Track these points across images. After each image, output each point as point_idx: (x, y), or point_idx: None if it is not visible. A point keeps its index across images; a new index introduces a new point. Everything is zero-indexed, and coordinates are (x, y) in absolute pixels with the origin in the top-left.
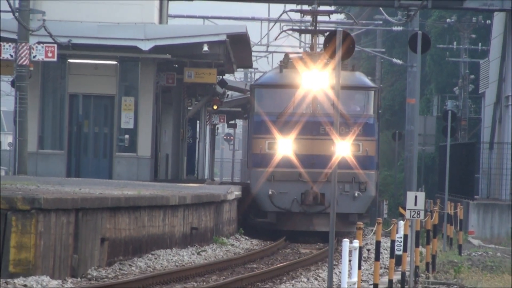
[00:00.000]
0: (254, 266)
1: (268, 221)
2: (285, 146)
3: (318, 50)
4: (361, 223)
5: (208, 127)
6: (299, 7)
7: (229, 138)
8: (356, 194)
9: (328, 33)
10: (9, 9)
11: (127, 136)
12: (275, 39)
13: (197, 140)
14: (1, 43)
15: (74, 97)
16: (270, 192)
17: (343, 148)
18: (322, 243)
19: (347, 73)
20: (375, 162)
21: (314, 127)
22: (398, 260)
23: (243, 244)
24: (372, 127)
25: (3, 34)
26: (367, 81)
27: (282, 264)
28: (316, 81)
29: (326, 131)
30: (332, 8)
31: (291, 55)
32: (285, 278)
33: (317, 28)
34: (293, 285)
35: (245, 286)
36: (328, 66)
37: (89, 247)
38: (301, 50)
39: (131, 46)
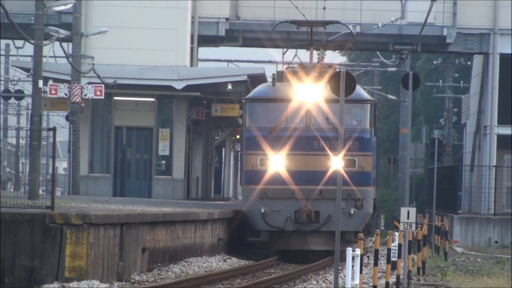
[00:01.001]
0: (272, 271)
1: (260, 241)
2: (277, 162)
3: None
4: (361, 234)
5: (232, 154)
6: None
7: None
8: (352, 212)
9: (332, 71)
10: (64, 55)
11: (163, 162)
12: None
13: (223, 165)
14: (57, 83)
15: (119, 129)
16: (262, 210)
17: (337, 164)
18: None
19: None
20: (371, 178)
21: (308, 142)
22: (394, 265)
23: (260, 252)
24: (368, 142)
25: (59, 76)
26: (363, 93)
27: (295, 269)
28: (310, 94)
29: (320, 146)
30: (327, 19)
31: (285, 69)
32: (297, 281)
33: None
34: (304, 287)
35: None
36: (322, 79)
37: (132, 256)
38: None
39: (167, 85)
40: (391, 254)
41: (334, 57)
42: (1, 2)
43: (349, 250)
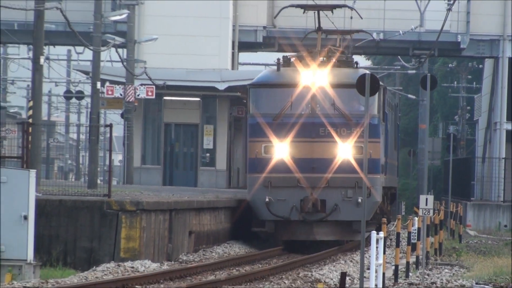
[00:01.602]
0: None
1: (265, 231)
2: (282, 150)
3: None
4: (385, 219)
5: None
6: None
7: None
8: (360, 200)
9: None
10: (119, 60)
11: (208, 154)
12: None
13: None
14: (113, 85)
15: (168, 125)
16: (267, 199)
17: (344, 151)
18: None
19: (350, 70)
20: (380, 165)
21: (313, 128)
22: (414, 247)
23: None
24: (376, 128)
25: (115, 78)
26: None
27: (325, 251)
28: (315, 79)
29: (326, 133)
30: (335, 2)
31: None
32: (327, 261)
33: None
34: (334, 266)
35: (298, 267)
36: (329, 64)
37: (180, 238)
38: None
39: (211, 86)
40: (411, 237)
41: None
42: (63, 13)
43: (373, 233)
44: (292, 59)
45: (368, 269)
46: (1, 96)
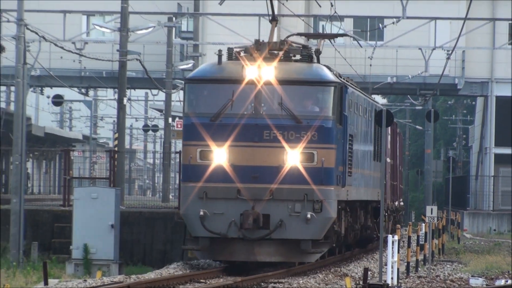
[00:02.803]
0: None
1: (198, 249)
2: (220, 156)
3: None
4: (398, 225)
5: None
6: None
7: None
8: (309, 216)
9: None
10: None
11: None
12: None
13: None
14: (182, 120)
15: None
16: (201, 213)
17: (292, 158)
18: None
19: (302, 65)
20: (334, 175)
21: (257, 131)
22: (421, 247)
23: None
24: (329, 132)
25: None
26: (325, 73)
27: (350, 252)
28: (261, 74)
29: (272, 137)
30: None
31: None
32: (353, 259)
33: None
34: (358, 263)
35: (330, 264)
36: (277, 58)
37: None
38: None
39: None
40: (420, 239)
41: (378, 99)
42: (142, 64)
43: (389, 236)
44: (237, 51)
45: (386, 265)
46: (93, 130)
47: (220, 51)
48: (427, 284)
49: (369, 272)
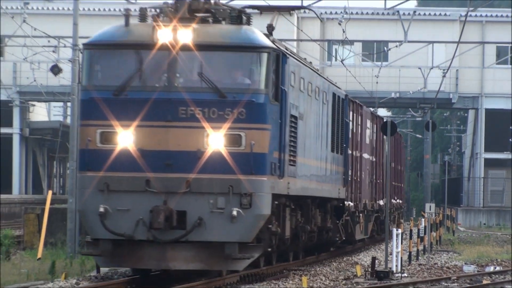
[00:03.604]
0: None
1: (98, 255)
2: (126, 138)
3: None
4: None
5: None
6: None
7: None
8: (235, 213)
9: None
10: None
11: None
12: None
13: None
14: None
15: None
16: (101, 209)
17: (215, 141)
18: None
19: (229, 27)
20: (267, 162)
21: (170, 108)
22: (421, 239)
23: None
24: (261, 109)
25: None
26: (256, 38)
27: (361, 244)
28: (177, 38)
29: (189, 115)
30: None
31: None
32: (363, 249)
33: None
34: (367, 253)
35: (342, 255)
36: (197, 20)
37: None
38: None
39: None
40: (420, 232)
41: (383, 112)
42: None
43: (394, 229)
44: (150, 11)
45: (391, 254)
46: None
47: (127, 10)
48: (426, 271)
49: (376, 261)
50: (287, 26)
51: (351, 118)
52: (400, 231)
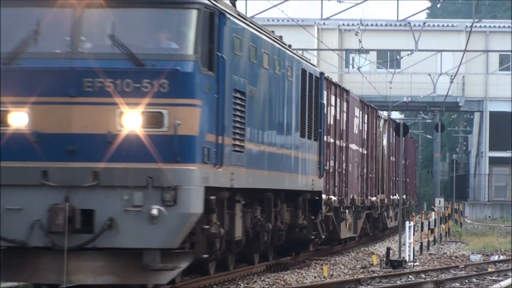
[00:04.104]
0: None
1: None
2: (17, 119)
3: None
4: (413, 214)
5: None
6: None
7: None
8: (156, 212)
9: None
10: None
11: None
12: None
13: None
14: None
15: None
16: None
17: (130, 121)
18: None
19: None
20: (198, 147)
21: (74, 79)
22: (432, 231)
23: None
24: (189, 80)
25: None
26: None
27: (373, 235)
28: None
29: (97, 88)
30: None
31: None
32: (378, 241)
33: None
34: (382, 243)
35: (360, 245)
36: None
37: None
38: None
39: None
40: (430, 224)
41: (395, 115)
42: None
43: (407, 222)
44: None
45: (404, 245)
46: None
47: None
48: (436, 260)
49: (390, 251)
50: (308, 37)
51: (333, 103)
52: (412, 223)
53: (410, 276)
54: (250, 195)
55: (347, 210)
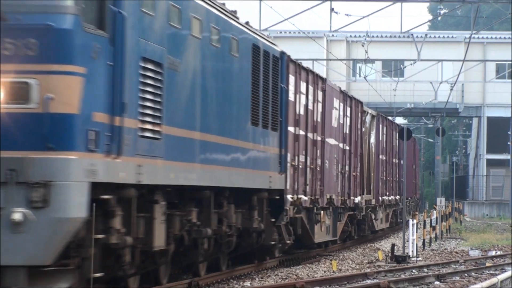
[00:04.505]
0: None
1: None
2: None
3: None
4: (416, 212)
5: None
6: None
7: None
8: (20, 216)
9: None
10: None
11: None
12: None
13: None
14: None
15: None
16: None
17: None
18: None
19: None
20: (79, 129)
21: None
22: (433, 228)
23: None
24: (66, 39)
25: None
26: None
27: (383, 233)
28: None
29: None
30: None
31: None
32: (384, 238)
33: None
34: (387, 240)
35: (367, 241)
36: None
37: None
38: None
39: None
40: (432, 222)
41: (399, 120)
42: None
43: (410, 220)
44: None
45: (407, 241)
46: None
47: None
48: (438, 255)
49: (395, 247)
50: (318, 48)
51: (303, 90)
52: (415, 221)
53: (414, 270)
54: (180, 195)
55: (322, 212)
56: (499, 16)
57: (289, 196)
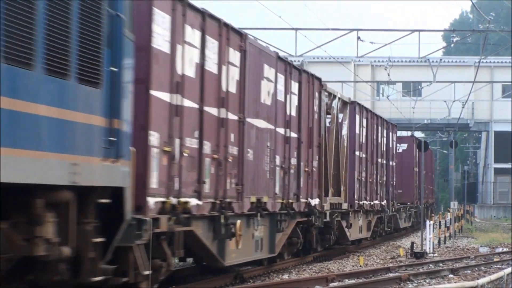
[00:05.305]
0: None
1: None
2: None
3: None
4: (433, 215)
5: None
6: None
7: None
8: None
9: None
10: None
11: None
12: None
13: None
14: None
15: None
16: None
17: None
18: None
19: None
20: None
21: None
22: (448, 228)
23: None
24: None
25: None
26: None
27: (400, 233)
28: None
29: None
30: None
31: None
32: (404, 237)
33: None
34: (407, 238)
35: (388, 240)
36: None
37: None
38: None
39: None
40: (446, 223)
41: (418, 134)
42: None
43: (427, 221)
44: None
45: (425, 239)
46: None
47: None
48: (451, 252)
49: (414, 244)
50: (346, 72)
51: (196, 44)
52: (432, 222)
53: (431, 265)
54: None
55: (239, 221)
56: (504, 43)
57: (151, 199)
